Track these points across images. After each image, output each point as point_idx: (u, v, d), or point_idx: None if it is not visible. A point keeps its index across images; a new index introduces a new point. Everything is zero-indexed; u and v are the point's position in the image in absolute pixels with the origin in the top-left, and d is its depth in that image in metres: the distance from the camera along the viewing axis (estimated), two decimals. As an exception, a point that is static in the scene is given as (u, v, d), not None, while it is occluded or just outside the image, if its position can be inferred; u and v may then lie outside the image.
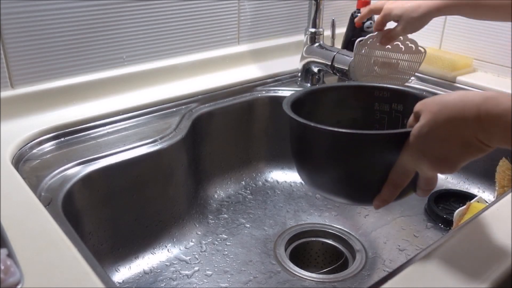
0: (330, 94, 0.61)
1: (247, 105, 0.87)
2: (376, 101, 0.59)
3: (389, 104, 0.58)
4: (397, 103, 0.58)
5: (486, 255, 0.44)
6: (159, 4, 0.81)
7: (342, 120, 0.61)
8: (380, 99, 0.59)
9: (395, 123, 0.58)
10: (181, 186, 0.77)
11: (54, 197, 0.57)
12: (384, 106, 0.59)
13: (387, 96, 0.58)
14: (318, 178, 0.52)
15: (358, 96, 0.60)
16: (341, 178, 0.50)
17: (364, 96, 0.59)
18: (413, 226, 0.79)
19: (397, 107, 0.58)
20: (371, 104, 0.59)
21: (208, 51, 0.91)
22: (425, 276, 0.42)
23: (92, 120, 0.72)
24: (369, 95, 0.59)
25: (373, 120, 0.60)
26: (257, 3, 0.95)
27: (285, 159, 0.93)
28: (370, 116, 0.60)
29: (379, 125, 0.60)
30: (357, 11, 0.95)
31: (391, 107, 0.58)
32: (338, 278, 0.70)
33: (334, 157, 0.49)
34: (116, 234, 0.69)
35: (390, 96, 0.58)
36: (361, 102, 0.60)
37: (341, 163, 0.49)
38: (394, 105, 0.58)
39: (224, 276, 0.70)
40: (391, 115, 0.59)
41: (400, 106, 0.58)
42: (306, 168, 0.53)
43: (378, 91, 0.59)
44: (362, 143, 0.47)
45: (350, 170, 0.49)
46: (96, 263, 0.44)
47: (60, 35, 0.72)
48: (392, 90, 0.58)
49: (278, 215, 0.83)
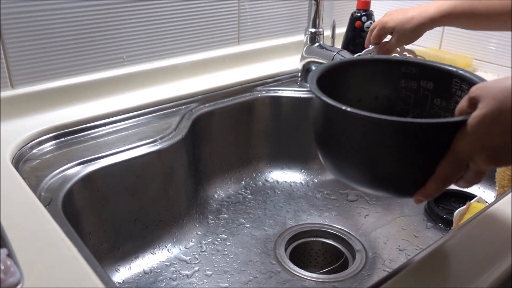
0: (353, 69, 0.56)
1: (247, 105, 0.87)
2: (402, 78, 0.54)
3: (417, 81, 0.54)
4: (427, 81, 0.53)
5: (486, 255, 0.44)
6: (159, 4, 0.81)
7: (364, 99, 0.56)
8: (407, 75, 0.54)
9: (422, 102, 0.54)
10: (181, 186, 0.77)
11: (54, 197, 0.57)
12: (412, 83, 0.54)
13: (415, 72, 0.53)
14: (351, 168, 0.47)
15: (383, 71, 0.55)
16: (380, 170, 0.44)
17: (390, 71, 0.55)
18: (413, 226, 0.79)
19: (426, 85, 0.53)
20: (396, 81, 0.55)
21: (208, 51, 0.91)
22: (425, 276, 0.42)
23: (92, 120, 0.72)
24: (395, 70, 0.54)
25: (397, 98, 0.55)
26: (257, 3, 0.95)
27: (285, 159, 0.93)
28: (394, 94, 0.55)
29: (404, 104, 0.55)
30: (357, 11, 0.95)
31: (419, 85, 0.54)
32: (338, 278, 0.70)
33: (373, 147, 0.44)
34: (116, 234, 0.69)
35: (418, 72, 0.53)
36: (385, 78, 0.55)
37: (382, 154, 0.43)
38: (423, 83, 0.53)
39: (224, 276, 0.70)
40: (419, 93, 0.54)
41: (429, 84, 0.53)
42: (335, 157, 0.48)
43: (406, 67, 0.54)
44: (409, 133, 0.41)
45: (392, 162, 0.43)
46: (96, 263, 0.44)
47: (60, 35, 0.72)
48: (422, 65, 0.53)
49: (278, 215, 0.83)
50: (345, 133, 0.45)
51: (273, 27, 1.00)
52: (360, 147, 0.44)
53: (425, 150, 0.41)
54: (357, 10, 0.95)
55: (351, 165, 0.46)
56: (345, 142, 0.46)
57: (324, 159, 0.49)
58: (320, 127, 0.48)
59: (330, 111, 0.45)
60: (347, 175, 0.47)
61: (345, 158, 0.46)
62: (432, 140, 0.41)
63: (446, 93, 0.52)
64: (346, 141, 0.45)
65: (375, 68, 0.55)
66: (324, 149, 0.48)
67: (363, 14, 0.94)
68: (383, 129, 0.42)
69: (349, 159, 0.46)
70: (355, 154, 0.45)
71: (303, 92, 0.90)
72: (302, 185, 0.91)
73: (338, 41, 0.97)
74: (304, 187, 0.91)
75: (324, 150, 0.48)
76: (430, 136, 0.41)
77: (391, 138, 0.42)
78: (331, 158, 0.48)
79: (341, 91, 0.53)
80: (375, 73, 0.55)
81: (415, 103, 0.54)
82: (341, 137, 0.46)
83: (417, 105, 0.54)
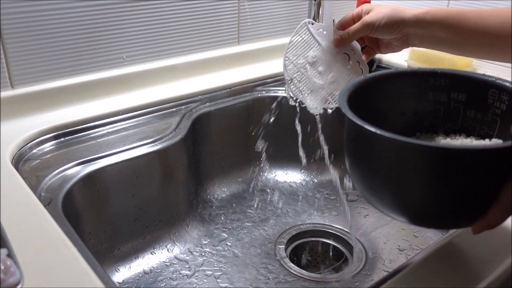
0: (377, 86, 0.52)
1: (247, 105, 0.87)
2: (430, 90, 0.51)
3: (446, 93, 0.50)
4: (458, 92, 0.50)
5: (486, 255, 0.44)
6: (159, 4, 0.81)
7: (389, 115, 0.52)
8: (435, 87, 0.51)
9: (454, 115, 0.51)
10: (181, 186, 0.77)
11: (54, 197, 0.57)
12: (441, 95, 0.51)
13: (444, 84, 0.50)
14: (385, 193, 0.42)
15: (409, 84, 0.52)
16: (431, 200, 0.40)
17: (416, 84, 0.51)
18: (413, 226, 0.79)
19: (458, 97, 0.50)
20: (424, 94, 0.51)
21: (208, 51, 0.91)
22: (425, 276, 0.42)
23: (92, 120, 0.72)
24: (422, 83, 0.51)
25: (425, 112, 0.52)
26: (257, 3, 0.95)
27: (285, 159, 0.93)
28: (422, 108, 0.52)
29: (433, 118, 0.52)
30: (357, 11, 0.95)
31: (449, 97, 0.50)
32: (338, 278, 0.70)
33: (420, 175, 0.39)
34: (116, 234, 0.69)
35: (448, 84, 0.50)
36: (412, 91, 0.52)
37: (433, 183, 0.39)
38: (454, 95, 0.50)
39: (224, 276, 0.70)
40: (449, 106, 0.51)
41: (461, 96, 0.49)
42: (371, 182, 0.43)
43: (434, 78, 0.50)
44: (466, 159, 0.37)
45: (446, 191, 0.38)
46: (96, 263, 0.44)
47: (60, 35, 0.72)
48: (453, 76, 0.50)
49: (278, 215, 0.83)
50: (378, 158, 0.41)
51: (273, 27, 1.00)
52: (393, 173, 0.41)
53: (483, 177, 0.38)
54: (357, 10, 0.95)
55: (383, 192, 0.42)
56: (377, 167, 0.42)
57: (357, 183, 0.45)
58: (354, 151, 0.45)
59: (361, 132, 0.42)
60: (380, 204, 0.43)
61: (378, 184, 0.42)
62: (494, 166, 0.37)
63: (482, 105, 0.49)
64: (379, 167, 0.42)
65: (400, 81, 0.52)
66: (357, 173, 0.45)
67: (363, 14, 0.94)
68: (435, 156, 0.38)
69: (382, 186, 0.42)
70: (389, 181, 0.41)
71: (303, 92, 0.90)
72: (302, 185, 0.91)
73: (338, 41, 0.97)
74: (304, 187, 0.91)
75: (357, 174, 0.45)
76: (491, 162, 0.37)
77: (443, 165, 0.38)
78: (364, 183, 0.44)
79: (367, 108, 0.48)
80: (401, 87, 0.52)
81: (445, 117, 0.51)
82: (374, 161, 0.42)
83: (448, 118, 0.51)
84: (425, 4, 1.03)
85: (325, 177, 0.93)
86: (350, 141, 0.45)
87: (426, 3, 1.03)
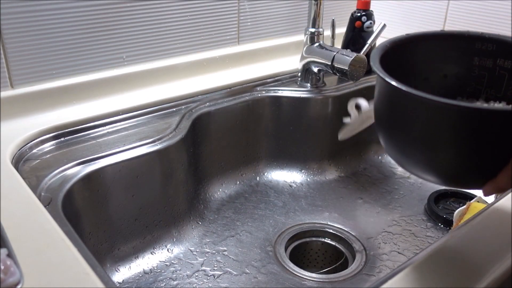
0: (421, 44, 0.51)
1: (247, 105, 0.87)
2: (476, 55, 0.50)
3: (493, 59, 0.49)
4: (504, 59, 0.48)
5: (486, 255, 0.44)
6: (159, 4, 0.81)
7: (431, 77, 0.51)
8: (482, 52, 0.49)
9: (498, 82, 0.50)
10: (181, 186, 0.77)
11: (54, 197, 0.57)
12: (486, 61, 0.50)
13: (491, 49, 0.49)
14: (415, 156, 0.43)
15: (454, 47, 0.51)
16: (446, 159, 0.41)
17: (462, 48, 0.50)
18: (413, 226, 0.79)
19: (504, 64, 0.49)
20: (469, 58, 0.50)
21: (208, 51, 0.91)
22: (425, 276, 0.42)
23: (92, 120, 0.72)
24: (468, 47, 0.50)
25: (468, 77, 0.51)
26: (257, 3, 0.95)
27: (285, 159, 0.93)
28: (465, 72, 0.51)
29: (476, 84, 0.51)
30: (357, 11, 0.95)
31: (495, 63, 0.49)
32: (338, 278, 0.70)
33: (438, 133, 0.40)
34: (116, 234, 0.69)
35: (495, 49, 0.49)
36: (457, 55, 0.51)
37: (448, 141, 0.40)
38: (500, 61, 0.49)
39: (224, 276, 0.70)
40: (494, 73, 0.49)
41: (508, 63, 0.48)
42: (398, 142, 0.44)
43: (481, 42, 0.49)
44: (477, 120, 0.38)
45: (459, 151, 0.40)
46: (96, 263, 0.44)
47: (60, 35, 0.72)
48: (501, 41, 0.48)
49: (278, 215, 0.83)
50: (408, 117, 0.42)
51: (273, 27, 1.00)
52: (424, 133, 0.41)
53: (497, 139, 0.38)
54: (357, 10, 0.95)
55: (415, 152, 0.43)
56: (409, 127, 0.42)
57: (386, 144, 0.45)
58: (382, 109, 0.45)
59: (393, 91, 0.42)
60: (410, 163, 0.44)
61: (408, 144, 0.43)
62: (506, 129, 0.37)
63: None
64: (410, 126, 0.42)
65: (445, 43, 0.51)
66: (386, 133, 0.45)
67: (363, 14, 0.94)
68: (450, 115, 0.39)
69: (413, 145, 0.42)
70: (419, 141, 0.42)
71: (303, 92, 0.90)
72: (302, 185, 0.91)
73: (338, 41, 0.97)
74: (304, 187, 0.91)
75: (386, 133, 0.45)
76: (503, 124, 0.37)
77: (458, 125, 0.39)
78: (394, 143, 0.44)
79: (406, 68, 0.49)
80: (445, 49, 0.51)
81: (489, 83, 0.50)
82: (405, 121, 0.42)
83: (491, 85, 0.50)
84: (425, 4, 1.04)
85: (325, 177, 0.93)
86: (381, 100, 0.44)
87: (426, 3, 1.03)
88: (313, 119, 0.92)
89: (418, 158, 0.43)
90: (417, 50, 0.51)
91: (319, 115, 0.91)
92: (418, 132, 0.41)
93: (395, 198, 0.87)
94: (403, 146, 0.44)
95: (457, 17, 0.99)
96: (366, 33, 0.94)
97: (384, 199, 0.87)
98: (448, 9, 1.00)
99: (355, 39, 0.96)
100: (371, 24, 0.94)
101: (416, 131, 0.41)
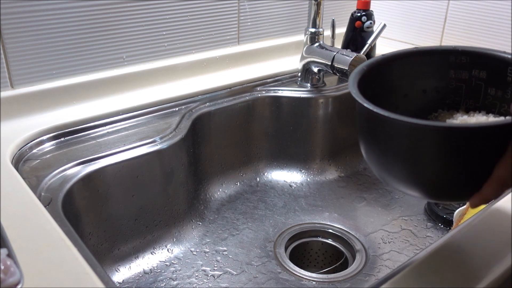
0: (396, 64, 0.52)
1: (247, 105, 0.87)
2: (451, 68, 0.51)
3: (468, 71, 0.51)
4: (479, 69, 0.50)
5: (486, 255, 0.44)
6: (159, 4, 0.81)
7: (410, 93, 0.53)
8: (456, 65, 0.51)
9: (475, 92, 0.51)
10: (181, 186, 0.77)
11: (54, 197, 0.57)
12: (462, 73, 0.51)
13: (465, 62, 0.50)
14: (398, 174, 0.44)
15: (430, 63, 0.52)
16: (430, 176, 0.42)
17: (437, 62, 0.52)
18: (413, 226, 0.79)
19: (479, 74, 0.50)
20: (445, 72, 0.52)
21: (208, 51, 0.91)
22: (425, 276, 0.42)
23: (92, 120, 0.72)
24: (443, 61, 0.51)
25: (447, 90, 0.52)
26: (257, 3, 0.95)
27: (285, 159, 0.93)
28: (443, 85, 0.52)
29: (455, 96, 0.52)
30: (357, 11, 0.95)
31: (470, 74, 0.50)
32: (338, 278, 0.70)
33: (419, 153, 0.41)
34: (116, 234, 0.69)
35: (469, 62, 0.50)
36: (432, 70, 0.52)
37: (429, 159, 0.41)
38: (475, 72, 0.50)
39: (224, 276, 0.70)
40: (470, 84, 0.51)
41: (482, 73, 0.50)
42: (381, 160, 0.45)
43: (455, 56, 0.51)
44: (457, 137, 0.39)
45: (442, 167, 0.41)
46: (96, 263, 0.44)
47: (60, 35, 0.72)
48: (473, 53, 0.50)
49: (278, 215, 0.83)
50: (389, 140, 0.43)
51: (273, 27, 1.00)
52: (406, 152, 0.42)
53: (479, 154, 0.39)
54: (357, 10, 0.95)
55: (397, 170, 0.44)
56: (390, 147, 0.43)
57: (370, 163, 0.46)
58: (365, 132, 0.46)
59: (371, 116, 0.43)
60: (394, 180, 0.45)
61: (391, 163, 0.44)
62: (491, 142, 0.38)
63: (502, 82, 0.49)
64: (391, 147, 0.43)
65: (420, 60, 0.52)
66: (369, 153, 0.46)
67: (363, 14, 0.94)
68: (427, 135, 0.39)
69: (395, 163, 0.43)
70: (401, 159, 0.43)
71: (303, 92, 0.90)
72: (302, 185, 0.91)
73: (338, 41, 0.97)
74: (304, 187, 0.91)
75: (369, 153, 0.46)
76: (488, 139, 0.38)
77: (438, 144, 0.40)
78: (377, 162, 0.46)
79: (387, 87, 0.51)
80: (422, 65, 0.52)
81: (467, 94, 0.51)
82: (385, 142, 0.43)
83: (470, 96, 0.51)
84: (425, 4, 1.04)
85: (325, 177, 0.93)
86: (362, 123, 0.45)
87: (426, 3, 1.03)
88: (313, 119, 0.92)
89: (401, 174, 0.43)
90: (394, 69, 0.52)
91: (319, 115, 0.91)
92: (400, 151, 0.42)
93: (395, 198, 0.87)
94: (385, 164, 0.45)
95: (457, 17, 0.99)
96: (366, 33, 0.94)
97: (384, 199, 0.87)
98: (448, 9, 1.00)
99: (355, 39, 0.96)
100: (371, 24, 0.94)
101: (397, 150, 0.42)
